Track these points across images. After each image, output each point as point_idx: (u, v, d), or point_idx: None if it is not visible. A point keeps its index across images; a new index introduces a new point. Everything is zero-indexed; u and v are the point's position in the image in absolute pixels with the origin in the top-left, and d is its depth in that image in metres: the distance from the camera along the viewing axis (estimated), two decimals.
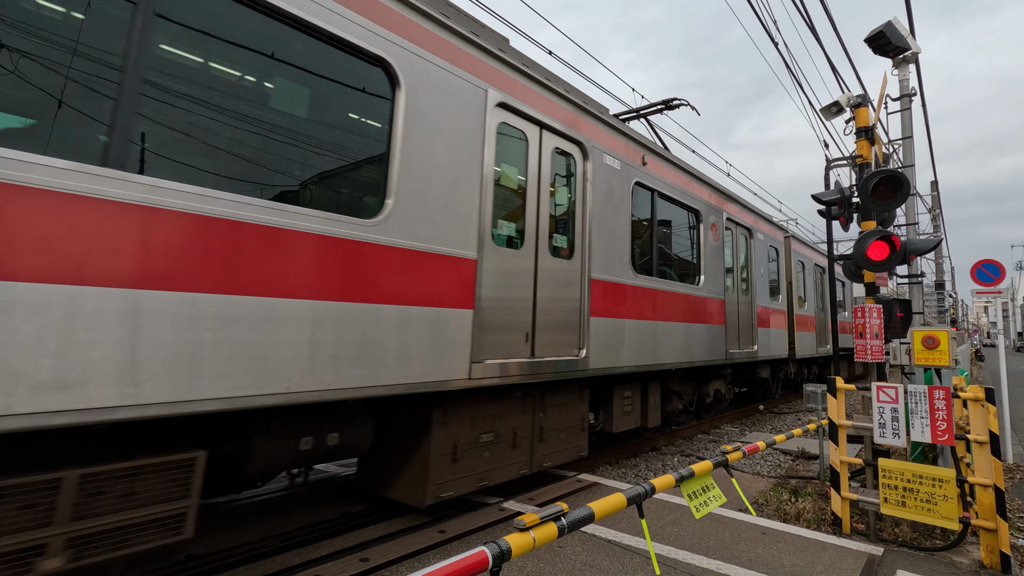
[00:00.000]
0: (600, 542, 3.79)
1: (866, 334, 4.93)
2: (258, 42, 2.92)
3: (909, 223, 6.92)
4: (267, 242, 2.77)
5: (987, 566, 3.70)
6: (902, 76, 6.58)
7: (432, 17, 3.81)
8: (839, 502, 4.25)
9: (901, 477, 3.88)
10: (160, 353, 2.35)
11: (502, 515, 4.24)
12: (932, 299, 17.35)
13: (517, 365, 4.27)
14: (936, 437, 3.84)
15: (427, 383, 3.57)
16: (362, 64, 3.42)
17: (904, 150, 6.54)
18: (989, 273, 8.25)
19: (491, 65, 4.28)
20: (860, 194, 5.13)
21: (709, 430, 8.88)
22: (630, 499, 2.54)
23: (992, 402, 3.82)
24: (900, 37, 6.27)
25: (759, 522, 4.31)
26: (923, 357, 4.57)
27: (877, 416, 4.11)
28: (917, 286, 6.76)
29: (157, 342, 2.35)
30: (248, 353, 2.66)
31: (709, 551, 3.70)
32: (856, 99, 5.60)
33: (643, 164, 6.23)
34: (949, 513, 3.67)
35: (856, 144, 5.62)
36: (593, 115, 5.45)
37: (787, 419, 10.32)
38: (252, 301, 2.69)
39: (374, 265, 3.28)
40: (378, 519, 4.22)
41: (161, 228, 2.40)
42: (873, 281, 5.14)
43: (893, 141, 7.39)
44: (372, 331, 3.25)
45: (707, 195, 7.71)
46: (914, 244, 5.26)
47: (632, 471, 6.14)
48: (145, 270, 2.34)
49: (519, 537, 1.97)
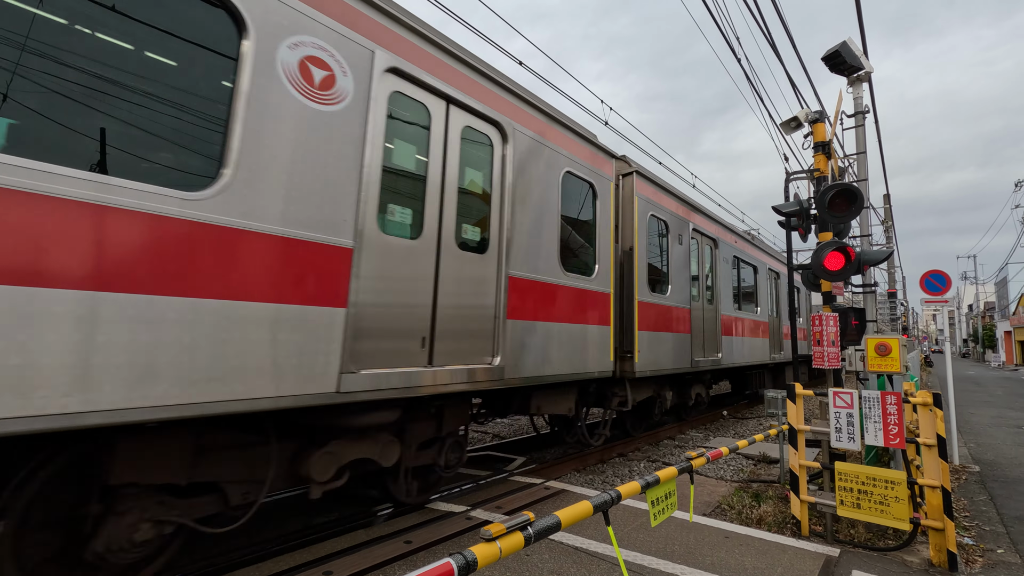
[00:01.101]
0: (567, 549, 3.80)
1: (823, 341, 5.10)
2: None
3: (863, 235, 7.21)
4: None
5: (936, 564, 3.85)
6: (856, 94, 6.88)
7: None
8: (798, 505, 4.37)
9: (856, 480, 4.02)
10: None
11: (469, 524, 4.21)
12: (885, 307, 18.09)
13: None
14: (888, 441, 3.99)
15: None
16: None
17: (858, 165, 6.83)
18: (937, 283, 8.67)
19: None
20: (817, 206, 5.32)
21: (675, 435, 9.02)
22: (597, 507, 2.55)
23: (939, 407, 4.00)
24: (854, 57, 6.56)
25: (722, 526, 4.39)
26: (876, 364, 4.75)
27: (834, 421, 4.26)
28: (871, 295, 7.04)
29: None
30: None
31: (674, 556, 3.75)
32: (814, 115, 5.83)
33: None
34: (900, 514, 3.82)
35: (814, 158, 5.84)
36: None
37: (749, 424, 10.57)
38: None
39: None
40: (341, 531, 4.13)
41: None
42: (830, 290, 5.33)
43: (848, 156, 7.70)
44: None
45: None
46: (868, 255, 5.48)
47: (599, 477, 6.18)
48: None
49: (485, 547, 1.95)
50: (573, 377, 5.43)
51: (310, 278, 3.10)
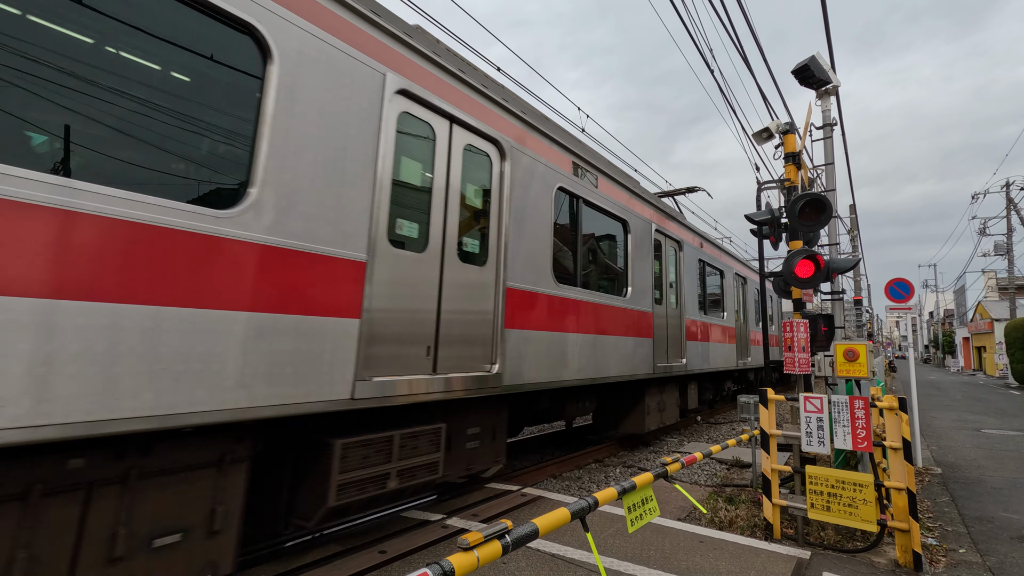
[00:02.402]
0: (544, 556, 3.78)
1: (794, 347, 5.21)
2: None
3: (831, 243, 7.42)
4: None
5: (902, 565, 3.95)
6: (825, 107, 7.09)
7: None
8: (770, 509, 4.44)
9: (826, 483, 4.10)
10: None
11: (445, 532, 4.16)
12: (852, 314, 18.63)
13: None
14: (857, 444, 4.09)
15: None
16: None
17: (827, 175, 7.03)
18: (901, 291, 8.96)
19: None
20: (788, 215, 5.45)
21: (650, 441, 9.09)
22: (574, 513, 2.55)
23: (904, 411, 4.12)
24: (823, 71, 6.77)
25: (697, 530, 4.43)
26: (845, 369, 4.87)
27: (804, 425, 4.34)
28: (839, 302, 7.23)
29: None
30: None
31: (650, 561, 3.76)
32: (785, 126, 5.98)
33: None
34: (868, 516, 3.91)
35: (785, 168, 5.98)
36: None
37: (722, 429, 10.73)
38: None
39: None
40: (313, 543, 4.04)
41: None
42: (800, 297, 5.46)
43: (817, 167, 7.92)
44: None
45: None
46: (836, 263, 5.64)
47: (575, 483, 6.18)
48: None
49: (462, 557, 1.93)
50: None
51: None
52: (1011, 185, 33.05)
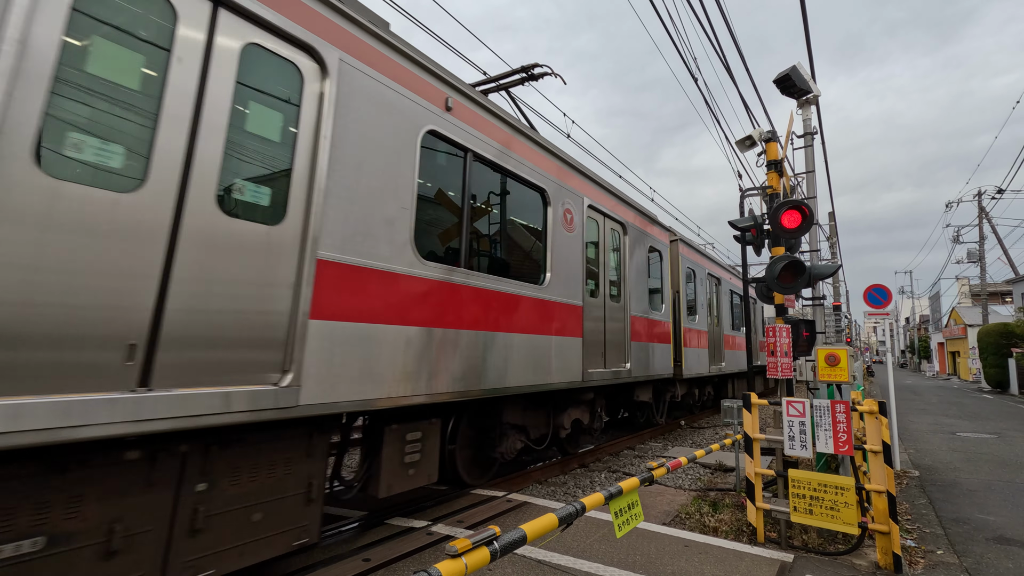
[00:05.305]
0: (530, 562, 3.76)
1: (777, 352, 5.28)
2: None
3: (812, 250, 7.53)
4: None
5: (882, 567, 4.01)
6: (806, 116, 7.21)
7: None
8: (754, 512, 4.48)
9: (808, 486, 4.15)
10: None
11: (431, 539, 4.12)
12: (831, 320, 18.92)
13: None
14: (838, 448, 4.15)
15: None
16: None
17: (808, 183, 7.15)
18: (879, 297, 9.15)
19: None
20: (771, 222, 5.53)
21: (635, 445, 9.13)
22: (562, 519, 2.54)
23: (884, 414, 4.19)
24: (804, 80, 6.89)
25: (682, 535, 4.45)
26: (826, 373, 4.95)
27: (787, 429, 4.39)
28: (820, 308, 7.34)
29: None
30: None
31: (636, 566, 3.77)
32: (767, 134, 6.07)
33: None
34: (850, 519, 3.96)
35: (767, 176, 6.07)
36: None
37: (706, 433, 10.81)
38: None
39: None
40: (293, 550, 3.96)
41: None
42: (783, 303, 5.53)
43: (798, 174, 8.06)
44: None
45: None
46: (817, 269, 5.72)
47: (561, 489, 6.17)
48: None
49: (450, 564, 1.91)
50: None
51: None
52: (983, 194, 33.97)
